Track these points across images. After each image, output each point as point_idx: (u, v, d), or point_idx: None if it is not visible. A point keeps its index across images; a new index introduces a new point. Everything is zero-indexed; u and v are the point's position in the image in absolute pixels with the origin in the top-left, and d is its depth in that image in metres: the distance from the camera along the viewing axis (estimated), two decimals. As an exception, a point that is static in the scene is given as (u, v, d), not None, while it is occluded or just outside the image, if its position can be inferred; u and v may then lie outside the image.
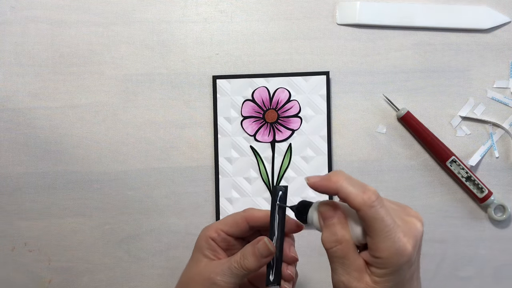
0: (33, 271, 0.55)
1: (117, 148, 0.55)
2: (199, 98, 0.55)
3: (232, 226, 0.42)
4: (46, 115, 0.55)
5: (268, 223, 0.41)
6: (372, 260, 0.37)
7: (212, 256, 0.42)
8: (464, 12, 0.55)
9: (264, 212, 0.42)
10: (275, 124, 0.55)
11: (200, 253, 0.42)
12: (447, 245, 0.54)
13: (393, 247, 0.36)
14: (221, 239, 0.42)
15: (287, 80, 0.55)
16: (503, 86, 0.55)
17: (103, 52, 0.55)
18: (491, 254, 0.54)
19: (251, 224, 0.42)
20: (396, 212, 0.38)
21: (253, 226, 0.42)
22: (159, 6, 0.56)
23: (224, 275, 0.41)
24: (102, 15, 0.56)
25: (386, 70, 0.55)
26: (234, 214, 0.43)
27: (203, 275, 0.42)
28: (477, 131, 0.55)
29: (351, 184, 0.37)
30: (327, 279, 0.41)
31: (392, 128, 0.55)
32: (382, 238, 0.36)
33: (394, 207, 0.39)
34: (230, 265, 0.41)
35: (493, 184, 0.54)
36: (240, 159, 0.55)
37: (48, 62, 0.56)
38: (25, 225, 0.55)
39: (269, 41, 0.55)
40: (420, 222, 0.38)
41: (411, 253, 0.37)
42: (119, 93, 0.55)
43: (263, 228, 0.42)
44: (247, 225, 0.42)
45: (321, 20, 0.55)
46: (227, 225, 0.42)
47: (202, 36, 0.56)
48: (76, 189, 0.55)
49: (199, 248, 0.43)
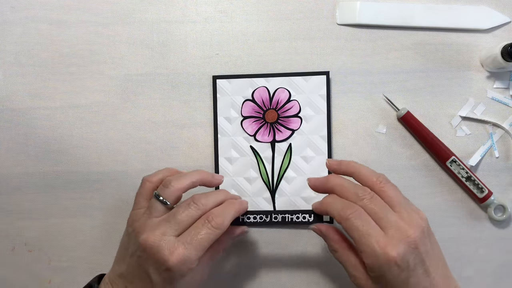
0: (33, 271, 0.55)
1: (117, 148, 0.55)
2: (199, 98, 0.55)
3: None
4: (46, 115, 0.55)
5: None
6: (367, 265, 0.43)
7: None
8: (464, 12, 0.55)
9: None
10: (275, 124, 0.55)
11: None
12: (447, 245, 0.54)
13: (373, 254, 0.42)
14: None
15: (287, 80, 0.55)
16: (503, 86, 0.55)
17: (103, 52, 0.55)
18: (491, 254, 0.54)
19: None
20: (387, 219, 0.43)
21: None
22: (159, 6, 0.56)
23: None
24: (102, 15, 0.56)
25: (386, 70, 0.55)
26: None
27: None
28: (477, 131, 0.55)
29: (333, 200, 0.45)
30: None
31: (392, 128, 0.55)
32: (361, 246, 0.42)
33: (389, 217, 0.43)
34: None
35: (493, 184, 0.54)
36: (240, 159, 0.55)
37: (48, 62, 0.56)
38: (25, 225, 0.55)
39: (269, 41, 0.55)
40: (414, 229, 0.42)
41: (394, 259, 0.41)
42: (119, 93, 0.55)
43: None
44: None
45: (321, 20, 0.55)
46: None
47: (202, 36, 0.56)
48: (76, 189, 0.55)
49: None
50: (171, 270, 0.42)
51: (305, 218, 0.53)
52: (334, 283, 0.54)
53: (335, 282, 0.54)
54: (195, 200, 0.46)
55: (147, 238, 0.43)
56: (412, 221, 0.43)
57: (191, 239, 0.43)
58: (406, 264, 0.42)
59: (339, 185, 0.46)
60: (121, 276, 0.46)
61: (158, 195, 0.46)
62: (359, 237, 0.42)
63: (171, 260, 0.42)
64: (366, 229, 0.42)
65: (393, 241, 0.42)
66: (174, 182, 0.46)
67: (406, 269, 0.42)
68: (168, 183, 0.46)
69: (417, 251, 0.42)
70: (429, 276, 0.43)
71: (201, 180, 0.48)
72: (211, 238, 0.44)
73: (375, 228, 0.42)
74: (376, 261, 0.42)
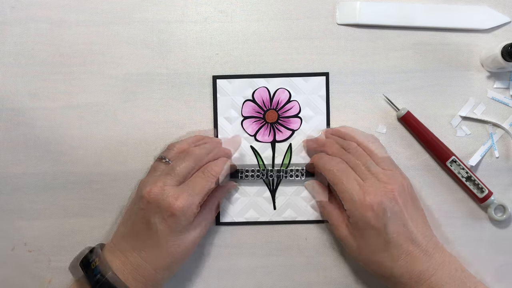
0: (33, 271, 0.55)
1: (117, 148, 0.55)
2: (199, 98, 0.55)
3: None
4: (45, 115, 0.55)
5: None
6: (347, 211, 0.48)
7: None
8: (464, 12, 0.55)
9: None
10: (275, 124, 0.55)
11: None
12: (447, 245, 0.54)
13: (351, 200, 0.47)
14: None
15: (287, 80, 0.55)
16: (504, 86, 0.55)
17: (103, 52, 0.55)
18: (491, 254, 0.54)
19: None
20: (368, 171, 0.48)
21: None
22: (159, 6, 0.56)
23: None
24: (102, 15, 0.55)
25: (386, 70, 0.55)
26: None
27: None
28: (477, 131, 0.55)
29: (320, 156, 0.52)
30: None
31: (392, 128, 0.55)
32: (341, 194, 0.48)
33: (371, 169, 0.48)
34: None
35: (493, 184, 0.54)
36: (240, 159, 0.55)
37: (48, 62, 0.55)
38: (25, 225, 0.55)
39: (269, 41, 0.55)
40: (394, 182, 0.47)
41: (370, 204, 0.46)
42: (119, 93, 0.55)
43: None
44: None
45: (321, 20, 0.55)
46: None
47: (202, 36, 0.56)
48: (76, 189, 0.55)
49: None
50: (176, 215, 0.46)
51: (298, 176, 0.54)
52: (334, 284, 0.54)
53: (335, 283, 0.54)
54: (190, 153, 0.49)
55: (150, 190, 0.47)
56: (393, 176, 0.48)
57: (192, 186, 0.48)
58: (383, 212, 0.46)
59: (328, 142, 0.52)
60: (125, 236, 0.49)
61: (163, 156, 0.51)
62: (340, 186, 0.48)
63: (176, 204, 0.46)
64: (346, 178, 0.48)
65: (370, 189, 0.47)
66: (178, 145, 0.52)
67: (383, 217, 0.46)
68: (172, 146, 0.52)
69: (395, 202, 0.46)
70: (408, 229, 0.46)
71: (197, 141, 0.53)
72: (209, 185, 0.48)
73: (355, 178, 0.48)
74: (353, 206, 0.47)
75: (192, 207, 0.47)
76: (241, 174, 0.54)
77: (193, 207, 0.47)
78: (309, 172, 0.54)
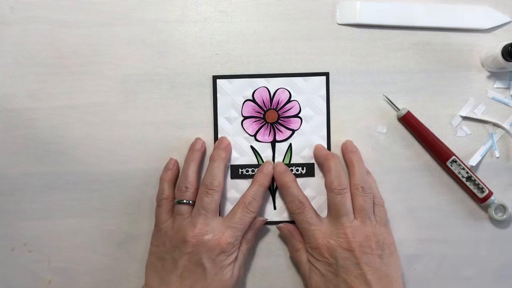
0: (33, 271, 0.55)
1: (116, 148, 0.55)
2: (199, 98, 0.55)
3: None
4: (45, 116, 0.55)
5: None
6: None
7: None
8: (464, 12, 0.55)
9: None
10: (276, 124, 0.55)
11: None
12: (447, 245, 0.54)
13: (308, 240, 0.49)
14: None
15: (287, 80, 0.55)
16: (504, 86, 0.55)
17: (102, 52, 0.55)
18: (491, 254, 0.54)
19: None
20: (339, 216, 0.49)
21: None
22: (159, 6, 0.56)
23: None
24: (101, 16, 0.55)
25: (386, 70, 0.55)
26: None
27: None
28: (478, 131, 0.55)
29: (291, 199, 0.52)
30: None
31: (392, 128, 0.55)
32: (303, 232, 0.50)
33: (342, 215, 0.49)
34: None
35: (494, 184, 0.54)
36: (240, 159, 0.55)
37: (48, 62, 0.55)
38: (25, 225, 0.55)
39: (269, 41, 0.55)
40: (359, 235, 0.48)
41: (319, 247, 0.48)
42: (118, 93, 0.55)
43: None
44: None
45: (321, 20, 0.55)
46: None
47: (202, 36, 0.56)
48: (76, 190, 0.55)
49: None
50: (224, 252, 0.48)
51: (298, 170, 0.54)
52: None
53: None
54: (207, 184, 0.50)
55: (193, 234, 0.48)
56: (363, 229, 0.48)
57: (230, 220, 0.49)
58: (334, 260, 0.47)
59: (328, 166, 0.51)
60: (171, 285, 0.48)
61: (181, 200, 0.50)
62: (306, 226, 0.50)
63: (223, 241, 0.48)
64: (313, 220, 0.50)
65: (327, 233, 0.48)
66: (188, 183, 0.51)
67: (334, 264, 0.47)
68: (182, 185, 0.51)
69: (351, 254, 0.47)
70: (366, 283, 0.46)
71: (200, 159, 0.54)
72: (247, 218, 0.50)
73: (321, 220, 0.50)
74: (309, 246, 0.49)
75: (235, 243, 0.49)
76: (242, 170, 0.54)
77: (237, 242, 0.49)
78: (309, 172, 0.54)
